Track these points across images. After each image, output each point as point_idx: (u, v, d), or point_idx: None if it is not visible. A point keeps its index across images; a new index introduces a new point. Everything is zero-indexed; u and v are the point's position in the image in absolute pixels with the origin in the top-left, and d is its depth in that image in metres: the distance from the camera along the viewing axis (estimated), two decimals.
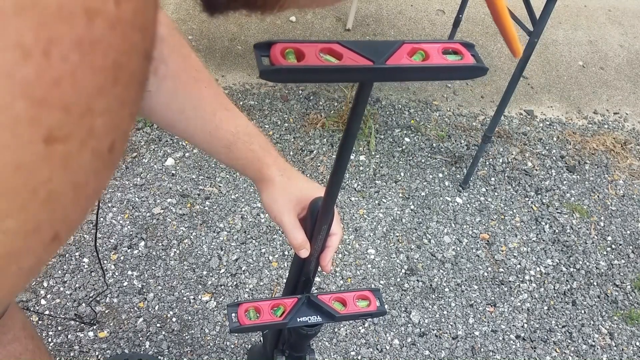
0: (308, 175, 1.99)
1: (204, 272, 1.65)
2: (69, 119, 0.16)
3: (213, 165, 1.95)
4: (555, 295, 1.81)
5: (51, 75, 0.15)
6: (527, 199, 2.10)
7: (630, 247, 2.01)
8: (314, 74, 0.36)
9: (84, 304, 1.52)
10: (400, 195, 2.00)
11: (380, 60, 0.37)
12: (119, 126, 0.19)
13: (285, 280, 1.58)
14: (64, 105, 0.16)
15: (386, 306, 1.68)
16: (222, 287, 1.63)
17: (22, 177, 0.16)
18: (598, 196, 2.17)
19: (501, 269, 1.84)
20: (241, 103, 2.21)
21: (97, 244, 1.67)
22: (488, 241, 1.92)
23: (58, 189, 0.17)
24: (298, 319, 0.69)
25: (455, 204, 2.02)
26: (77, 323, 1.48)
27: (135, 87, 0.19)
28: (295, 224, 0.66)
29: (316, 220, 0.62)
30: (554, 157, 2.29)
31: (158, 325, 1.52)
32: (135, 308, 1.55)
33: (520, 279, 1.83)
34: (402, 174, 2.08)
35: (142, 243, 1.69)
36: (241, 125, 0.67)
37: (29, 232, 0.17)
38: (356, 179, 2.03)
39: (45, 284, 1.55)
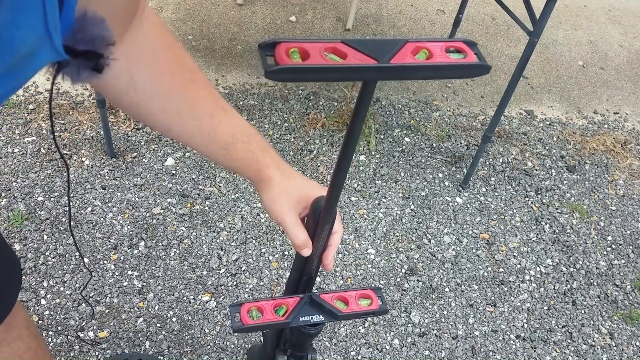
0: (308, 175, 1.99)
1: (204, 272, 1.65)
2: None
3: (213, 165, 1.95)
4: (555, 295, 1.81)
5: None
6: (527, 199, 2.10)
7: (630, 247, 2.01)
8: (319, 73, 0.36)
9: (83, 304, 1.52)
10: (400, 195, 2.00)
11: (385, 59, 0.37)
12: None
13: (285, 280, 1.58)
14: None
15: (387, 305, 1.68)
16: (222, 287, 1.63)
17: None
18: (598, 196, 2.17)
19: (501, 269, 1.84)
20: (241, 103, 2.21)
21: (97, 244, 1.67)
22: (488, 241, 1.92)
23: None
24: (300, 319, 0.69)
25: (455, 203, 2.02)
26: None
27: None
28: (296, 223, 0.66)
29: (319, 219, 0.62)
30: (554, 157, 2.29)
31: (158, 325, 1.52)
32: (135, 308, 1.55)
33: (520, 279, 1.83)
34: (402, 174, 2.08)
35: (142, 243, 1.69)
36: (238, 125, 0.67)
37: None
38: (356, 179, 2.03)
39: (45, 284, 1.55)
